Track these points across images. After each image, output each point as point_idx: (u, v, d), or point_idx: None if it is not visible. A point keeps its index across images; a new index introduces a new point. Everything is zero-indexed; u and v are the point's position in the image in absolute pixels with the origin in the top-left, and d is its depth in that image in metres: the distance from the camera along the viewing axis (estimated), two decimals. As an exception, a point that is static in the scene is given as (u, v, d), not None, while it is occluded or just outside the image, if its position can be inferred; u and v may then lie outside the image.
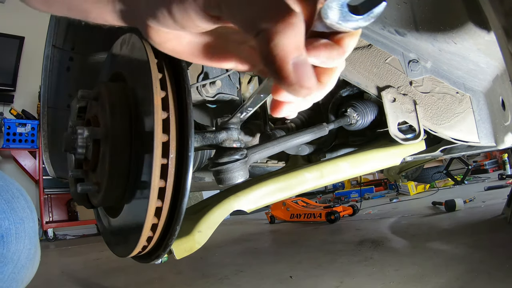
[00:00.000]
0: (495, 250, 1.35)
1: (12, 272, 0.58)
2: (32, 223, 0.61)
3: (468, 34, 0.74)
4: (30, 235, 0.60)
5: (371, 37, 0.89)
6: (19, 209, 0.59)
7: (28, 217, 0.60)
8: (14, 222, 0.57)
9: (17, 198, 0.60)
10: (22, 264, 0.59)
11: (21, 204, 0.60)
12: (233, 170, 0.65)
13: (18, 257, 0.58)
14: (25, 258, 0.59)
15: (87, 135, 0.59)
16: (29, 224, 0.60)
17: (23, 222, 0.59)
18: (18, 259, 0.58)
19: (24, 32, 4.36)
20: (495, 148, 0.92)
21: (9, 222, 0.57)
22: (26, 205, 0.61)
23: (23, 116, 4.03)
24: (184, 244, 0.70)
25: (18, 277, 0.59)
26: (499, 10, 0.51)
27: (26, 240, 0.59)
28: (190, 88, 0.55)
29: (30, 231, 0.60)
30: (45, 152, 1.07)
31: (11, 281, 0.58)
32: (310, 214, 2.91)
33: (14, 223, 0.57)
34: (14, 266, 0.58)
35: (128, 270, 1.85)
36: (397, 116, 0.87)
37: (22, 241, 0.58)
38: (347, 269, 1.37)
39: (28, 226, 0.60)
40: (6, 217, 0.57)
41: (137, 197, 0.58)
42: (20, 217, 0.59)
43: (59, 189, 4.18)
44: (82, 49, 1.05)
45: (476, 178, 4.48)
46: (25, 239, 0.59)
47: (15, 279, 0.59)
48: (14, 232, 0.57)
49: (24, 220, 0.59)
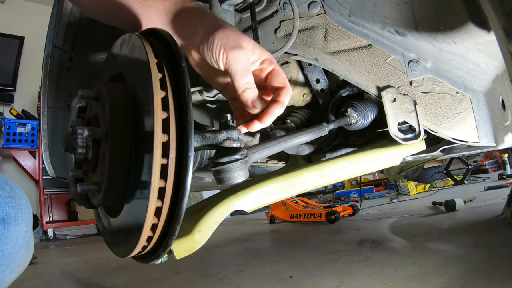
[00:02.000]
0: (495, 250, 1.35)
1: (11, 251, 0.66)
2: (27, 210, 0.70)
3: (468, 34, 0.74)
4: (27, 220, 0.69)
5: (371, 37, 0.89)
6: (17, 197, 0.69)
7: (24, 204, 0.70)
8: (13, 207, 0.67)
9: (14, 189, 0.70)
10: (20, 245, 0.68)
11: (18, 194, 0.70)
12: (233, 170, 0.65)
13: (16, 237, 0.67)
14: (22, 240, 0.68)
15: (87, 135, 0.59)
16: (26, 210, 0.70)
17: (21, 208, 0.68)
18: (17, 240, 0.67)
19: (24, 32, 4.37)
20: (495, 148, 0.92)
21: (9, 207, 0.66)
22: (22, 196, 0.71)
23: (23, 116, 4.04)
24: (184, 244, 0.70)
25: (16, 257, 0.68)
26: (499, 10, 0.51)
27: (23, 223, 0.68)
28: (190, 88, 0.55)
29: (26, 216, 0.69)
30: (45, 152, 1.07)
31: (10, 260, 0.67)
32: (310, 214, 2.91)
33: (13, 208, 0.67)
34: (13, 246, 0.67)
35: (128, 270, 1.85)
36: (397, 116, 0.87)
37: (20, 224, 0.67)
38: (347, 269, 1.37)
39: (25, 212, 0.69)
40: (7, 203, 0.66)
41: (137, 197, 0.58)
42: (18, 204, 0.68)
43: (59, 189, 4.18)
44: (82, 49, 1.05)
45: (476, 178, 4.48)
46: (22, 222, 0.68)
47: (13, 258, 0.67)
48: (13, 216, 0.66)
49: (21, 207, 0.69)
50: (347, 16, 0.89)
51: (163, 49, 0.60)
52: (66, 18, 0.98)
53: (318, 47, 0.93)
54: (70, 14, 0.97)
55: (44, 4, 4.49)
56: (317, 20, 0.93)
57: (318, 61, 0.94)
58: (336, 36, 0.92)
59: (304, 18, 0.94)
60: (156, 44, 0.61)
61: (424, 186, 4.19)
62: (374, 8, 0.85)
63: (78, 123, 0.70)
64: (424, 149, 0.92)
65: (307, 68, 1.08)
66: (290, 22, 0.96)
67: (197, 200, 4.06)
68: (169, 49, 0.60)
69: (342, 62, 0.91)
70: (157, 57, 0.57)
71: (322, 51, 0.93)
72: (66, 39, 1.01)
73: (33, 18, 4.40)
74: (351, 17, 0.89)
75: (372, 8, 0.85)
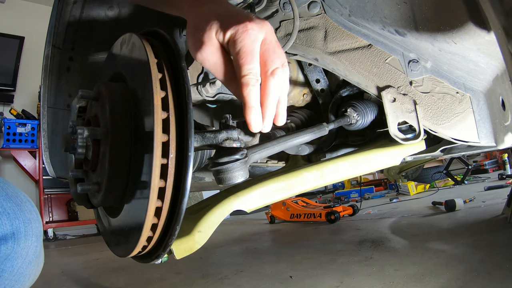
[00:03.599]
0: (495, 250, 1.35)
1: (21, 266, 0.65)
2: (38, 224, 0.68)
3: (468, 34, 0.74)
4: (37, 234, 0.68)
5: (371, 37, 0.89)
6: (27, 211, 0.67)
7: (35, 219, 0.68)
8: (23, 222, 0.65)
9: (25, 202, 0.68)
10: (30, 260, 0.66)
11: (28, 207, 0.68)
12: (233, 170, 0.65)
13: (26, 252, 0.65)
14: (32, 255, 0.67)
15: (87, 135, 0.59)
16: (36, 224, 0.68)
17: (31, 222, 0.66)
18: (27, 255, 0.65)
19: (24, 32, 4.36)
20: (495, 148, 0.92)
21: (19, 221, 0.64)
22: (32, 209, 0.69)
23: (23, 116, 4.03)
24: (184, 244, 0.70)
25: (26, 272, 0.66)
26: (499, 10, 0.51)
27: (34, 238, 0.66)
28: (190, 88, 0.55)
29: (36, 230, 0.67)
30: (45, 152, 1.07)
31: (20, 275, 0.65)
32: (310, 214, 2.91)
33: (24, 223, 0.65)
34: (23, 261, 0.65)
35: (128, 270, 1.85)
36: (397, 116, 0.87)
37: (30, 239, 0.66)
38: (347, 269, 1.37)
39: (35, 226, 0.67)
40: (17, 217, 0.64)
41: (137, 197, 0.58)
42: (28, 218, 0.66)
43: (59, 189, 4.18)
44: (82, 49, 1.05)
45: (476, 178, 4.48)
46: (32, 237, 0.66)
47: (23, 273, 0.66)
48: (23, 230, 0.65)
49: (31, 221, 0.67)
50: (347, 16, 0.89)
51: (163, 49, 0.60)
52: (66, 18, 0.98)
53: (318, 47, 0.93)
54: (70, 14, 0.97)
55: (44, 4, 4.49)
56: (317, 20, 0.93)
57: (318, 61, 0.94)
58: (336, 36, 0.92)
59: (304, 18, 0.94)
60: (156, 44, 0.61)
61: (424, 186, 4.19)
62: (374, 8, 0.85)
63: (78, 123, 0.70)
64: (424, 149, 0.92)
65: (307, 68, 1.08)
66: (290, 22, 0.96)
67: (197, 200, 4.07)
68: (169, 49, 0.60)
69: (342, 62, 0.91)
70: (157, 57, 0.57)
71: (322, 51, 0.93)
72: (66, 39, 1.01)
73: (33, 18, 4.40)
74: (351, 17, 0.89)
75: (372, 8, 0.85)
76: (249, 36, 0.53)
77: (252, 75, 0.53)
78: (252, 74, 0.53)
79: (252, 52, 0.53)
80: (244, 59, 0.52)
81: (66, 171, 0.95)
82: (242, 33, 0.53)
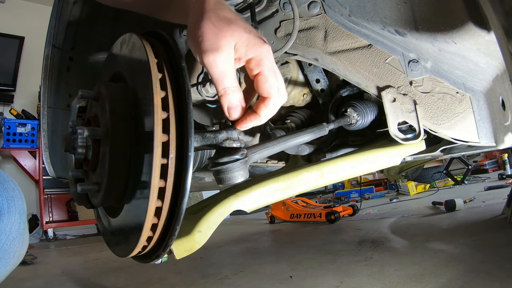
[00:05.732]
0: (495, 250, 1.35)
1: (4, 243, 0.66)
2: (21, 201, 0.70)
3: (468, 34, 0.74)
4: (20, 211, 0.69)
5: (371, 37, 0.89)
6: (10, 189, 0.69)
7: (18, 196, 0.70)
8: (6, 199, 0.67)
9: (8, 181, 0.70)
10: (14, 236, 0.68)
11: (11, 186, 0.70)
12: (233, 170, 0.65)
13: (10, 229, 0.67)
14: (16, 231, 0.68)
15: (87, 135, 0.59)
16: (19, 202, 0.69)
17: (14, 199, 0.68)
18: (10, 231, 0.67)
19: (24, 32, 4.37)
20: (495, 148, 0.92)
21: (1, 198, 0.66)
22: (15, 187, 0.71)
23: (23, 116, 4.04)
24: (184, 244, 0.70)
25: (10, 249, 0.68)
26: (499, 10, 0.51)
27: (17, 215, 0.68)
28: (190, 88, 0.55)
29: (19, 208, 0.69)
30: (45, 152, 1.07)
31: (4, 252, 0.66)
32: (310, 214, 2.91)
33: (7, 200, 0.67)
34: (7, 237, 0.66)
35: (128, 270, 1.85)
36: (397, 116, 0.87)
37: (13, 215, 0.67)
38: (347, 269, 1.37)
39: (18, 204, 0.69)
40: None
41: (137, 197, 0.58)
42: (11, 195, 0.68)
43: (59, 189, 4.18)
44: (82, 49, 1.05)
45: (476, 178, 4.48)
46: (15, 214, 0.68)
47: (7, 250, 0.67)
48: (6, 207, 0.66)
49: (14, 198, 0.68)
50: (347, 16, 0.89)
51: (163, 49, 0.60)
52: (66, 18, 0.98)
53: (318, 47, 0.93)
54: (70, 14, 0.97)
55: (44, 4, 4.49)
56: (317, 20, 0.93)
57: (318, 61, 0.94)
58: (336, 36, 0.92)
59: (304, 18, 0.94)
60: (156, 44, 0.61)
61: (424, 186, 4.19)
62: (374, 8, 0.85)
63: (78, 123, 0.70)
64: (424, 149, 0.92)
65: (307, 68, 1.08)
66: (290, 22, 0.96)
67: (197, 200, 4.07)
68: (169, 49, 0.60)
69: (342, 62, 0.91)
70: (157, 57, 0.57)
71: (322, 51, 0.93)
72: (66, 39, 1.01)
73: (33, 18, 4.40)
74: (351, 17, 0.89)
75: (372, 8, 0.85)
76: (272, 59, 0.57)
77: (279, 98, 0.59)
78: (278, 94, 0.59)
79: (275, 73, 0.57)
80: (271, 82, 0.56)
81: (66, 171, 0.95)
82: (266, 55, 0.55)
